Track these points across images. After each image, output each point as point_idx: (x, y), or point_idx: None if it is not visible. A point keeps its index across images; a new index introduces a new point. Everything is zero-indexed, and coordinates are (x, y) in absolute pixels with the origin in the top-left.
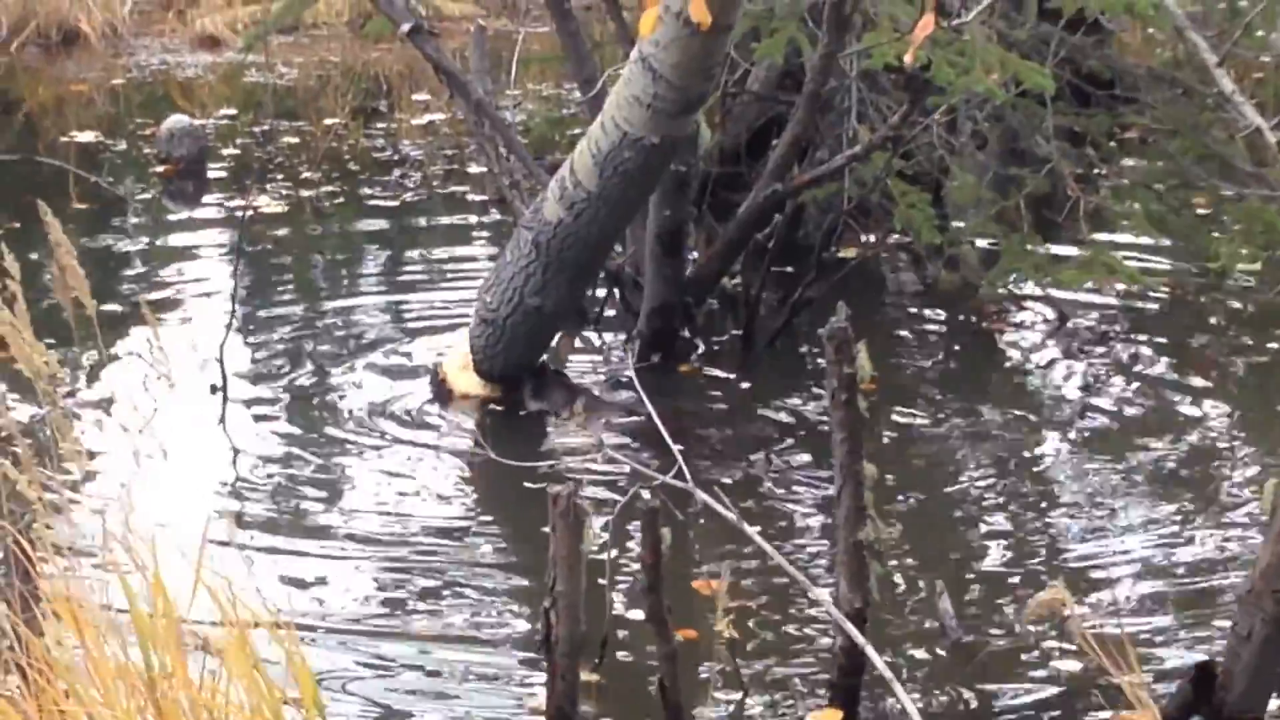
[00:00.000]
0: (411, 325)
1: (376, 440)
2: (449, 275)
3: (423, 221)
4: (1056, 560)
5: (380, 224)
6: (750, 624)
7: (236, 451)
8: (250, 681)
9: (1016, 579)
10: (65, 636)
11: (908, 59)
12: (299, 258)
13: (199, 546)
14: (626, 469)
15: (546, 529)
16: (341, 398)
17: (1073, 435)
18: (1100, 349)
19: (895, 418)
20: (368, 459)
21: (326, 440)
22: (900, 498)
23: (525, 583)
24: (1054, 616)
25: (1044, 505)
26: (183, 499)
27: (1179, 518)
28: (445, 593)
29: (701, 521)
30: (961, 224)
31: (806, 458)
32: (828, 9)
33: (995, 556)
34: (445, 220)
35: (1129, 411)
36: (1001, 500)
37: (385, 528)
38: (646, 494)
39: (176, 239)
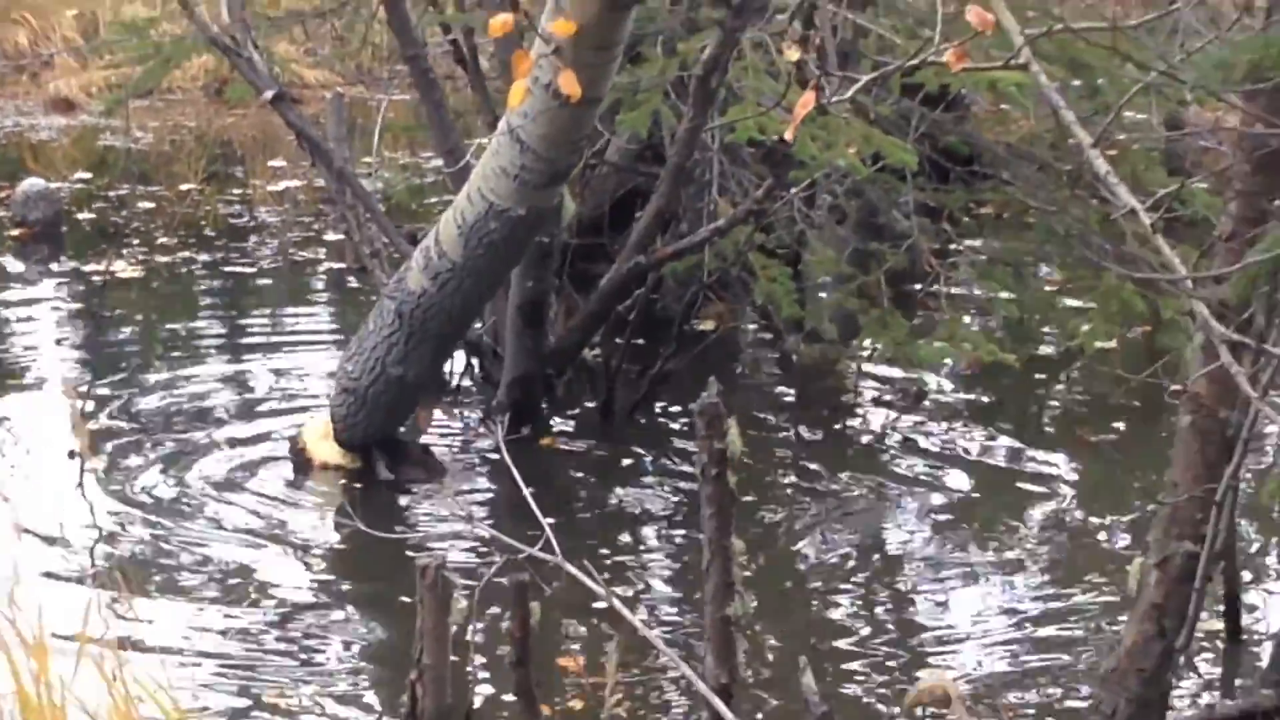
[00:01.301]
0: (270, 393)
1: (236, 510)
2: (307, 343)
3: (280, 288)
4: (914, 637)
5: (237, 290)
6: (613, 698)
7: (94, 517)
8: None
9: (876, 656)
10: None
11: (788, 135)
12: (156, 323)
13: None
14: (491, 542)
15: (408, 599)
16: (200, 465)
17: (930, 510)
18: (928, 413)
19: (753, 491)
20: (227, 528)
21: (186, 508)
22: (760, 574)
23: (391, 655)
24: (937, 702)
25: (902, 581)
26: (38, 566)
27: (1038, 595)
28: (309, 665)
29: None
30: (822, 297)
31: (670, 531)
32: (693, 83)
33: (854, 633)
34: (302, 288)
35: (985, 486)
36: (860, 576)
37: (246, 598)
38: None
39: (31, 303)
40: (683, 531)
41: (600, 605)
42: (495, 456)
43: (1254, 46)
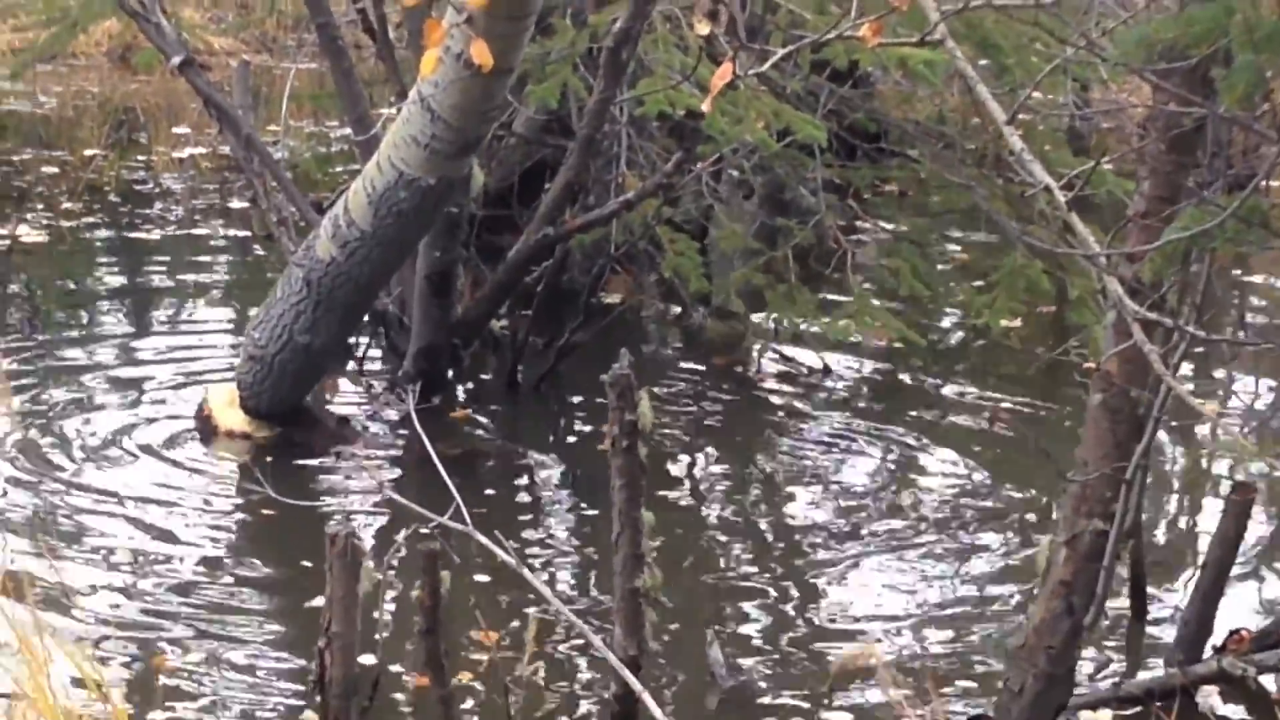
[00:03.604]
0: (173, 360)
1: (140, 476)
2: (211, 310)
3: (183, 255)
4: (822, 613)
5: (141, 256)
6: (525, 669)
7: None
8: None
9: (783, 630)
10: None
11: (705, 107)
12: (59, 289)
13: None
14: (399, 510)
15: (307, 562)
16: (103, 430)
17: (837, 486)
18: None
19: (660, 465)
20: (130, 494)
21: (88, 473)
22: (667, 547)
23: (299, 623)
24: (860, 671)
25: (809, 556)
26: None
27: (946, 571)
28: (214, 633)
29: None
30: (728, 273)
31: (577, 502)
32: (604, 55)
33: (761, 608)
34: (206, 255)
35: (892, 462)
36: (767, 551)
37: (149, 566)
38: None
39: None
40: (588, 503)
41: (510, 576)
42: (402, 426)
43: (1174, 25)
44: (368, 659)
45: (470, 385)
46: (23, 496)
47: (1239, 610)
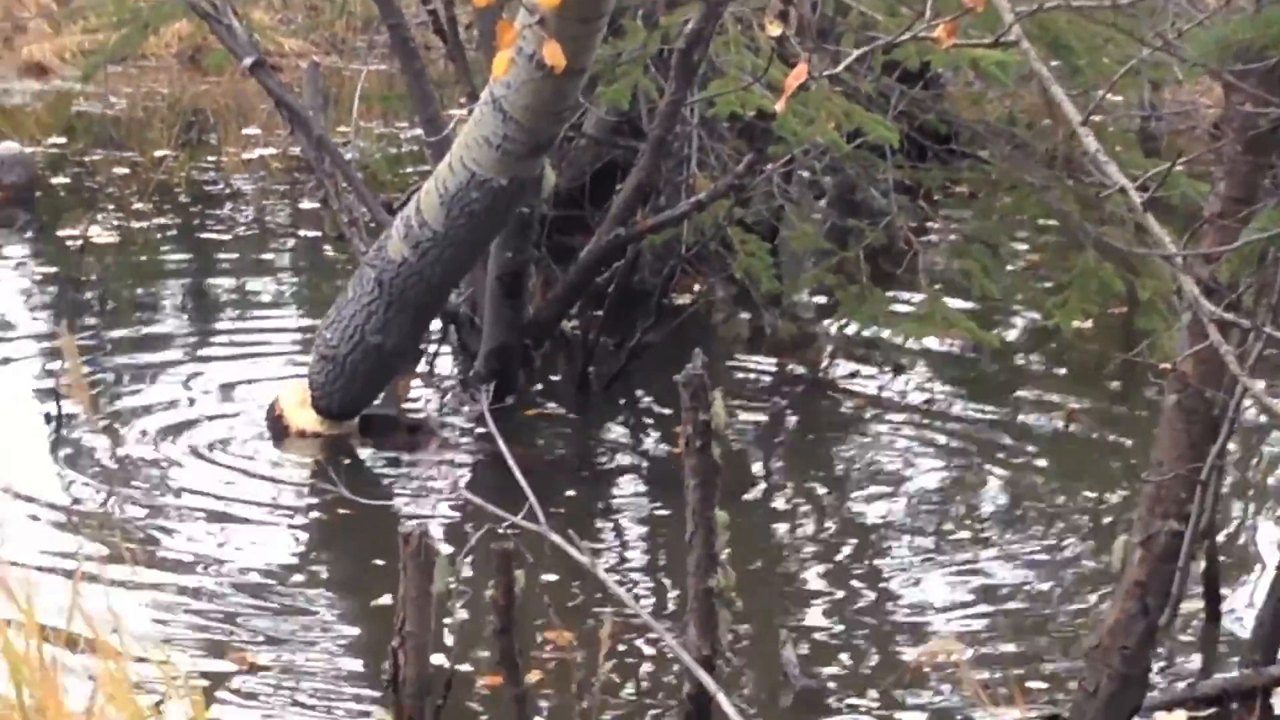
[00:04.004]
0: (244, 360)
1: (213, 477)
2: (281, 311)
3: (254, 255)
4: (895, 612)
5: (211, 257)
6: (602, 668)
7: (71, 483)
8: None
9: (856, 630)
10: None
11: (779, 108)
12: (131, 288)
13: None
14: (472, 510)
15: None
16: (177, 433)
17: (909, 486)
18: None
19: (731, 465)
20: (204, 494)
21: (162, 474)
22: (740, 547)
23: (373, 622)
24: (937, 667)
25: (882, 556)
26: (19, 530)
27: (1019, 571)
28: (289, 632)
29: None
30: (799, 274)
31: (650, 503)
32: (676, 56)
33: (835, 607)
34: (277, 255)
35: (964, 463)
36: (840, 550)
37: (223, 566)
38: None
39: (4, 267)
40: (661, 504)
41: (583, 576)
42: (474, 427)
43: (1251, 26)
44: (438, 659)
45: (541, 386)
46: (97, 496)
47: None
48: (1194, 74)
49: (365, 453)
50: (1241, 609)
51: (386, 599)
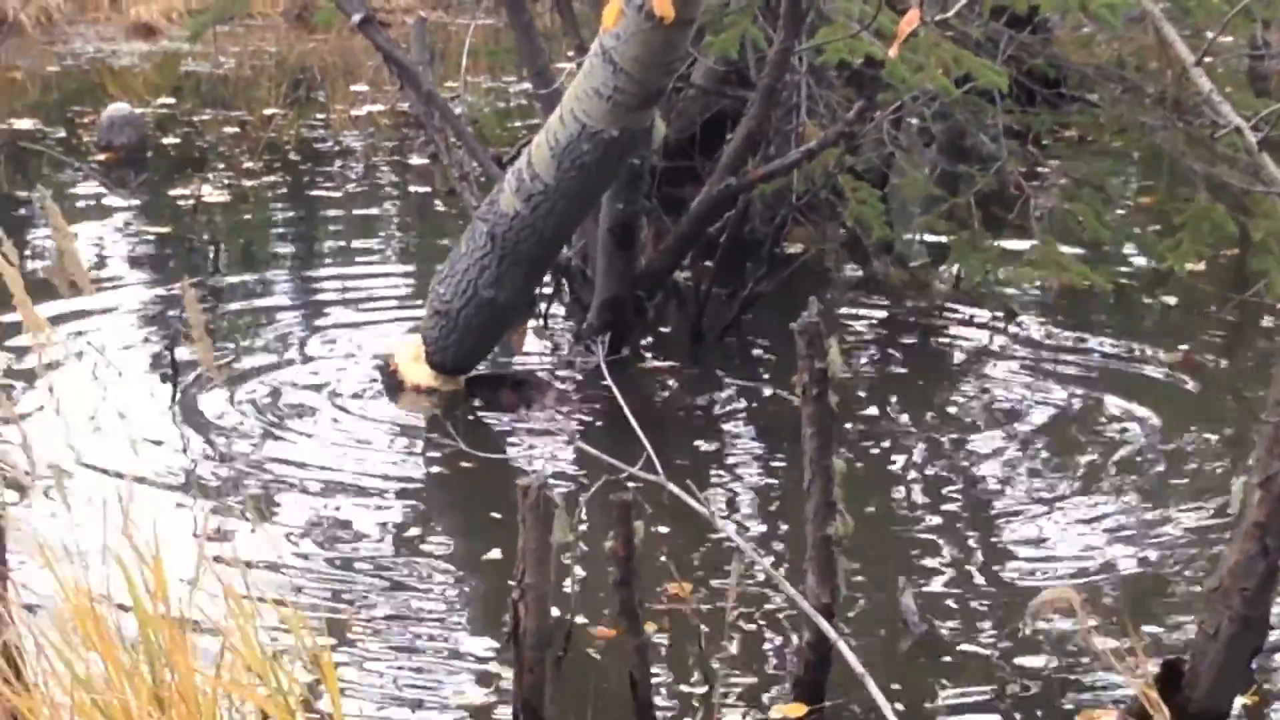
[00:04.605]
0: (358, 316)
1: (331, 432)
2: (393, 266)
3: (365, 212)
4: (1011, 559)
5: (324, 214)
6: (718, 617)
7: (188, 440)
8: (259, 665)
9: (972, 577)
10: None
11: (891, 53)
12: (244, 247)
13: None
14: (587, 462)
15: (497, 515)
16: (292, 389)
17: (1024, 431)
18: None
19: (846, 413)
20: (321, 450)
21: (279, 431)
22: (855, 494)
23: (492, 575)
24: (1061, 611)
25: (998, 502)
26: (141, 488)
27: (1137, 515)
28: (408, 586)
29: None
30: (910, 221)
31: (765, 452)
32: (785, 5)
33: (951, 555)
34: (387, 211)
35: (1079, 407)
36: (956, 497)
37: (342, 519)
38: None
39: (118, 227)
40: (778, 452)
41: (702, 525)
42: (589, 379)
43: None
44: (556, 611)
45: (654, 337)
46: (215, 452)
47: None
48: None
49: (481, 406)
50: None
51: (500, 553)
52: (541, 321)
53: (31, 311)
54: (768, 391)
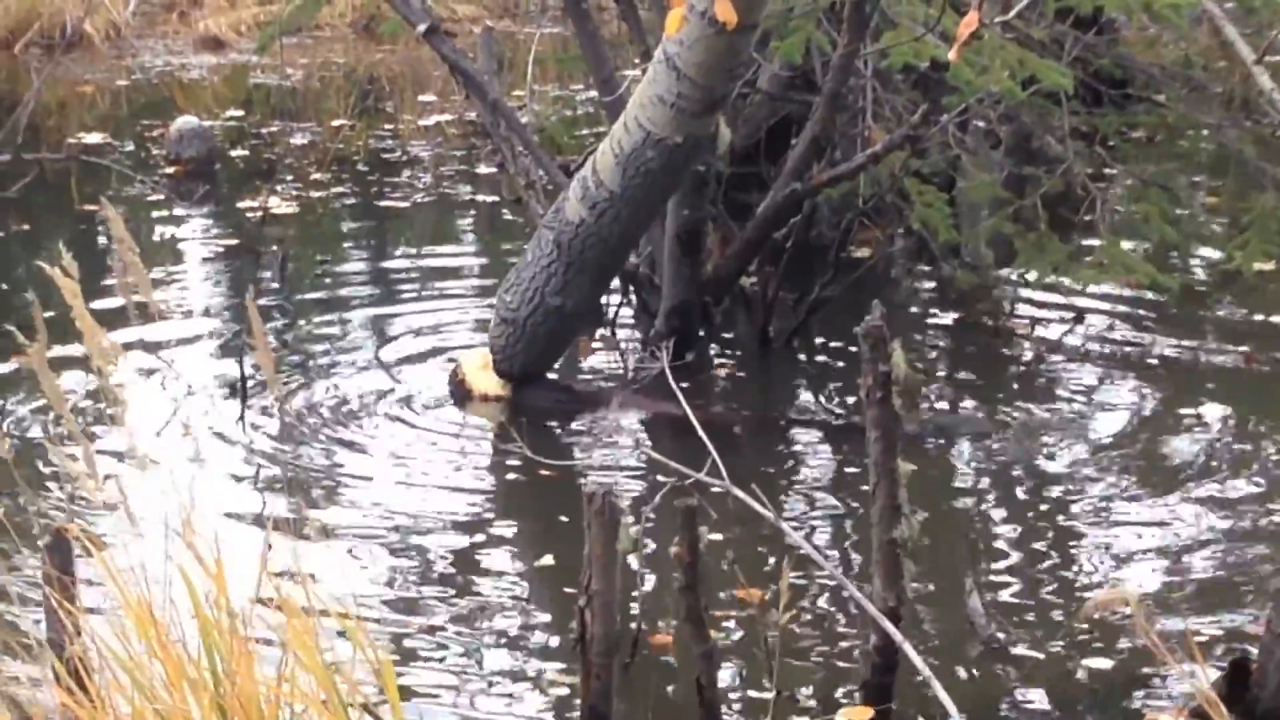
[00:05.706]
0: (426, 325)
1: (398, 440)
2: (462, 275)
3: (433, 221)
4: (1078, 561)
5: (391, 224)
6: (781, 619)
7: (257, 446)
8: (321, 675)
9: (1040, 580)
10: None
11: (952, 56)
12: (311, 258)
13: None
14: (653, 468)
15: (563, 519)
16: (360, 398)
17: (1091, 434)
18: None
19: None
20: (390, 459)
21: (347, 441)
22: (920, 497)
23: (558, 582)
24: (1112, 614)
25: (1065, 504)
26: (208, 494)
27: (1204, 516)
28: (475, 593)
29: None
30: (977, 223)
31: (831, 456)
32: (848, 9)
33: (1018, 557)
34: (455, 221)
35: (1147, 408)
36: (1023, 499)
37: (410, 527)
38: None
39: (187, 240)
40: (843, 456)
41: (768, 530)
42: (656, 385)
43: None
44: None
45: (721, 343)
46: (283, 458)
47: None
48: None
49: (546, 413)
50: None
51: (568, 559)
52: (609, 329)
53: (92, 326)
54: (832, 395)
